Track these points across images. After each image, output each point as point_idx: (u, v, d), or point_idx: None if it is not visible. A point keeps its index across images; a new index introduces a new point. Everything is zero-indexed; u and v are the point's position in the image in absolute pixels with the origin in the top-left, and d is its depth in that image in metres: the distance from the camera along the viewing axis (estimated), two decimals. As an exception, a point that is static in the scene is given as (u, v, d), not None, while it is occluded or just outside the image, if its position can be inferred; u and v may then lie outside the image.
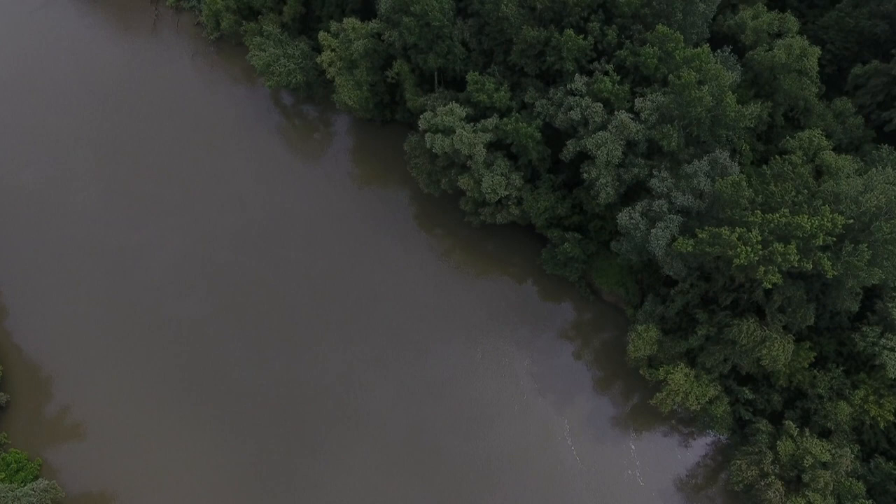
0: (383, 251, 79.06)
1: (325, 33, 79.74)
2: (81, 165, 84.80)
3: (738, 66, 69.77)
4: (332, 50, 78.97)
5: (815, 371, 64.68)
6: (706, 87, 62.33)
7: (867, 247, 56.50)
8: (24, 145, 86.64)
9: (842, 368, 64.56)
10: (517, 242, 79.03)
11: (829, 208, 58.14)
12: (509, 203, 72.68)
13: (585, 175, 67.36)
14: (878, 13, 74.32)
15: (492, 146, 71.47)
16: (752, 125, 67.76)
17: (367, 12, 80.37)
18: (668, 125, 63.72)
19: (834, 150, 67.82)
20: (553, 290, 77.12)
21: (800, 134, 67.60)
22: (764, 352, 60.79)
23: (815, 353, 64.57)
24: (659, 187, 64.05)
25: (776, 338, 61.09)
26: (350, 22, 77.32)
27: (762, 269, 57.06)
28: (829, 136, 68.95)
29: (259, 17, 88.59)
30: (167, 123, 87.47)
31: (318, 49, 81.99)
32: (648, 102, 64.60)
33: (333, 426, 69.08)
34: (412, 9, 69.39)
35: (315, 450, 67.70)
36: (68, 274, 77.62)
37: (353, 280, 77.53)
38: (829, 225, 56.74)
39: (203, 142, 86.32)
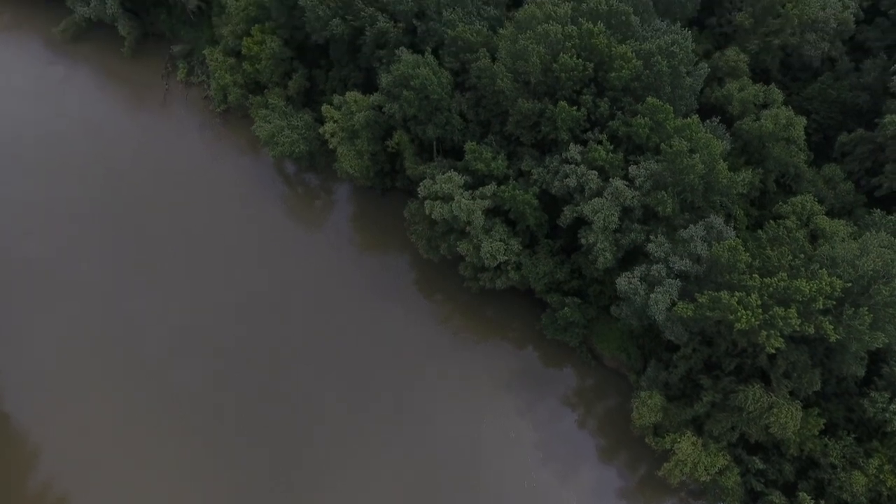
0: (384, 317, 78.80)
1: (328, 106, 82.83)
2: (87, 236, 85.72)
3: (727, 135, 72.18)
4: (335, 121, 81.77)
5: (827, 439, 62.93)
6: (697, 155, 64.19)
7: (868, 310, 56.40)
8: (31, 216, 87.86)
9: (853, 436, 62.84)
10: (517, 307, 78.85)
11: (826, 272, 58.47)
12: (508, 268, 73.11)
13: (583, 240, 68.15)
14: (858, 85, 77.70)
15: (490, 212, 72.69)
16: (744, 191, 69.31)
17: (368, 86, 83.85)
18: (663, 192, 65.11)
19: (827, 214, 69.02)
20: (554, 356, 76.23)
21: (792, 199, 69.01)
22: (772, 419, 59.40)
23: (825, 420, 63.05)
24: (656, 252, 64.68)
25: (783, 404, 59.86)
26: (352, 95, 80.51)
27: (764, 333, 56.69)
28: (821, 201, 70.33)
29: (265, 91, 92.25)
30: (173, 193, 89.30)
31: (320, 121, 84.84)
32: (642, 170, 66.33)
33: (332, 495, 66.36)
34: (412, 83, 72.48)
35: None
36: (68, 344, 76.98)
37: (354, 346, 76.87)
38: (827, 289, 56.86)
39: (207, 210, 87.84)
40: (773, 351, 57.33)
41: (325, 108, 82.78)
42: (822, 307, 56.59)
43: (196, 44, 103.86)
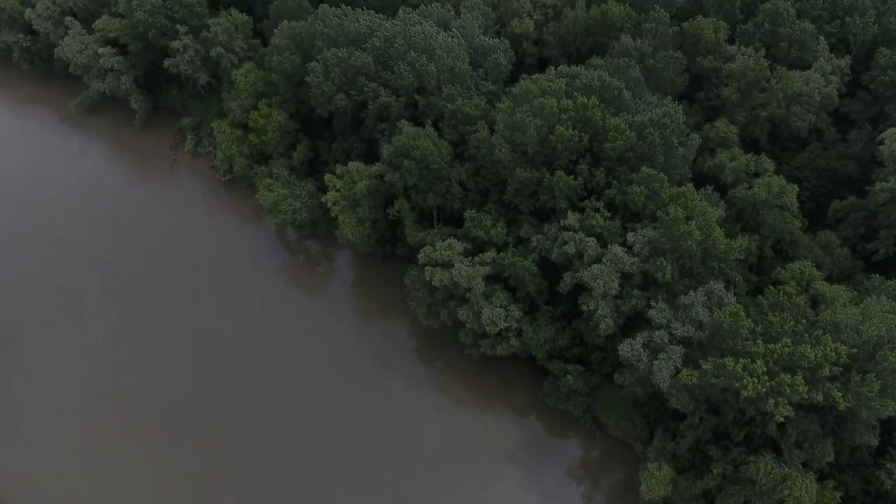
0: (385, 386, 77.43)
1: (331, 175, 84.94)
2: (89, 304, 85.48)
3: (721, 202, 73.73)
4: (337, 190, 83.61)
5: (845, 514, 60.23)
6: (694, 222, 65.23)
7: (875, 377, 55.52)
8: (34, 285, 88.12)
9: (873, 511, 60.20)
10: (519, 374, 77.61)
11: (830, 338, 58.00)
12: (509, 335, 72.54)
13: (584, 306, 68.04)
14: (846, 154, 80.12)
15: (490, 279, 72.95)
16: (742, 257, 69.92)
17: (370, 157, 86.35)
18: (661, 258, 65.68)
19: (826, 280, 69.24)
20: (558, 425, 74.23)
21: (790, 265, 69.49)
22: (786, 492, 57.02)
23: (841, 493, 60.53)
24: (658, 318, 64.42)
25: (797, 476, 57.66)
26: (354, 165, 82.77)
27: (771, 401, 55.51)
28: (819, 267, 70.74)
29: (270, 161, 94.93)
30: (177, 260, 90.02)
31: (323, 189, 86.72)
32: (640, 237, 67.21)
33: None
34: (413, 154, 74.72)
35: None
36: (65, 414, 75.29)
37: (354, 415, 75.07)
38: (833, 355, 56.21)
39: (209, 278, 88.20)
40: (782, 420, 55.88)
41: (327, 177, 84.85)
42: (828, 374, 55.71)
43: (205, 117, 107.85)
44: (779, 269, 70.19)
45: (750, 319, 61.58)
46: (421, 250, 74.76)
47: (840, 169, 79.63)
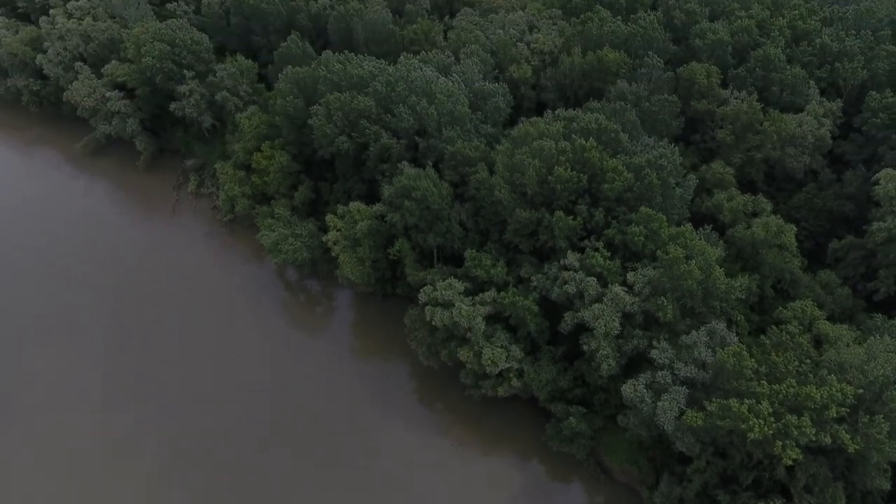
0: (384, 427, 75.93)
1: (332, 216, 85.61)
2: (88, 349, 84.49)
3: (720, 242, 74.08)
4: (338, 230, 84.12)
5: (860, 563, 58.15)
6: (693, 261, 65.41)
7: (884, 418, 54.65)
8: (35, 324, 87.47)
9: (888, 560, 58.15)
10: (520, 416, 76.23)
11: (835, 378, 57.34)
12: (510, 375, 71.67)
13: (585, 347, 67.49)
14: (842, 195, 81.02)
15: (491, 318, 72.58)
16: (743, 296, 69.80)
17: (371, 197, 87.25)
18: (662, 297, 65.55)
19: (828, 319, 68.92)
20: (561, 469, 72.44)
21: (792, 304, 69.29)
22: (798, 540, 55.28)
23: (854, 541, 58.67)
24: (660, 358, 63.81)
25: (808, 523, 56.04)
26: (355, 205, 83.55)
27: (779, 443, 54.41)
28: (820, 306, 70.52)
29: (271, 201, 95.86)
30: (178, 301, 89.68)
31: (324, 229, 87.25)
32: (640, 276, 67.26)
33: None
34: (413, 194, 75.54)
35: None
36: (58, 465, 73.43)
37: (354, 458, 73.26)
38: (839, 395, 55.41)
39: (210, 318, 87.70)
40: (791, 463, 54.66)
41: (328, 217, 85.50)
42: (836, 415, 54.78)
43: (208, 158, 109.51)
44: (780, 308, 69.94)
45: (753, 359, 60.97)
46: (421, 290, 74.66)
47: (837, 209, 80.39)
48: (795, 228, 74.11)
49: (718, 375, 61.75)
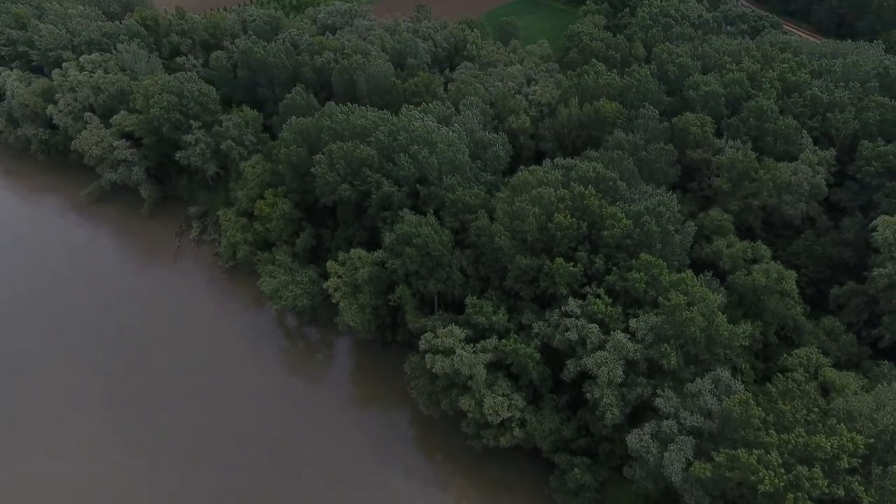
0: (384, 478, 73.80)
1: (333, 262, 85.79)
2: (87, 397, 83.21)
3: (721, 288, 73.95)
4: (339, 276, 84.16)
5: None
6: (695, 307, 65.13)
7: (897, 469, 53.12)
8: (30, 375, 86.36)
9: None
10: (523, 468, 74.15)
11: (845, 427, 56.12)
12: (513, 425, 70.15)
13: (589, 395, 66.33)
14: (840, 241, 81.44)
15: (492, 366, 71.66)
16: (746, 343, 69.13)
17: (372, 244, 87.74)
18: (665, 344, 64.93)
19: (833, 366, 68.02)
20: (566, 525, 69.81)
21: (797, 351, 68.57)
22: None
23: None
24: (665, 407, 62.64)
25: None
26: (356, 252, 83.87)
27: (790, 496, 52.74)
28: (826, 354, 69.75)
29: (273, 248, 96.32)
30: (177, 348, 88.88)
31: (325, 276, 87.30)
32: (642, 323, 66.81)
33: None
34: (414, 241, 75.98)
35: None
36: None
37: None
38: (850, 445, 54.10)
39: (208, 365, 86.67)
40: (804, 518, 52.77)
41: (329, 264, 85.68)
42: (847, 466, 53.34)
43: (211, 205, 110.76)
44: (785, 355, 69.18)
45: (760, 408, 59.81)
46: (422, 337, 74.01)
47: (836, 255, 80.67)
48: (796, 275, 74.14)
49: (725, 425, 60.43)
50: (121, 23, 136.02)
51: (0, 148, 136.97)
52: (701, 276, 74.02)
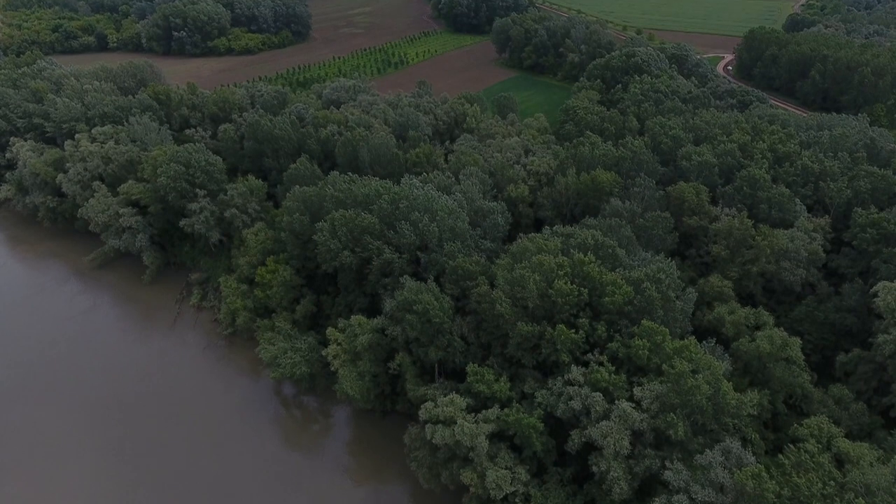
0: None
1: (333, 329, 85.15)
2: (80, 467, 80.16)
3: (725, 355, 72.97)
4: (338, 343, 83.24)
5: None
6: (701, 375, 64.00)
7: (922, 549, 50.46)
8: (25, 444, 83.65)
9: None
10: (528, 548, 70.14)
11: (864, 501, 53.74)
12: (516, 500, 67.11)
13: (595, 468, 63.93)
14: (842, 307, 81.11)
15: (494, 437, 69.50)
16: (755, 413, 67.39)
17: (372, 311, 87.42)
18: (672, 414, 63.29)
19: (846, 437, 65.91)
20: None
21: (807, 421, 66.65)
22: None
23: None
24: (675, 480, 60.16)
25: None
26: (357, 319, 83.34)
27: (812, 580, 49.70)
28: (836, 423, 67.79)
29: (273, 314, 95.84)
30: (172, 419, 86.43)
31: (324, 343, 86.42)
32: (647, 391, 65.42)
33: None
34: (415, 308, 75.72)
35: None
36: None
37: None
38: (870, 523, 51.66)
39: (203, 437, 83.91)
40: None
41: (329, 330, 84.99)
42: (869, 546, 50.68)
43: (213, 272, 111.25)
44: (795, 425, 67.21)
45: (774, 482, 57.47)
46: (422, 406, 72.19)
47: (839, 321, 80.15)
48: (799, 341, 73.35)
49: (739, 499, 57.85)
50: (134, 97, 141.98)
51: (7, 215, 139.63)
52: (704, 342, 73.29)
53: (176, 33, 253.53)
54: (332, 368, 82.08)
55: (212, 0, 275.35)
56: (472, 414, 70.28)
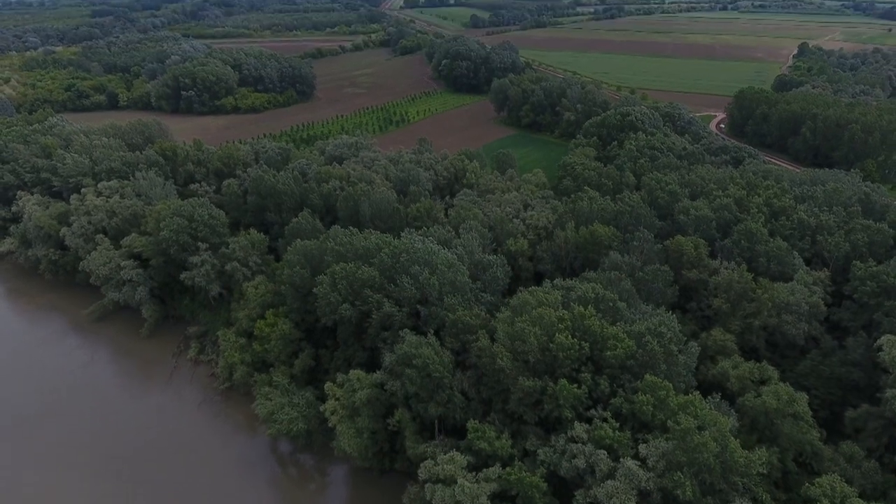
0: None
1: (331, 384, 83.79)
2: None
3: (731, 411, 71.52)
4: (337, 399, 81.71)
5: None
6: (707, 432, 62.52)
7: None
8: (19, 501, 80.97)
9: None
10: None
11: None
12: (520, 566, 64.23)
13: (601, 530, 61.44)
14: (847, 361, 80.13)
15: (496, 497, 67.11)
16: (764, 471, 65.36)
17: (372, 365, 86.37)
18: (679, 472, 61.44)
19: (860, 496, 63.70)
20: None
21: (819, 480, 64.52)
22: None
23: None
24: (685, 545, 57.77)
25: None
26: (356, 373, 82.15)
27: None
28: (849, 482, 65.67)
29: (270, 369, 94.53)
30: (165, 477, 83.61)
31: (322, 398, 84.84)
32: (653, 449, 63.77)
33: None
34: (414, 362, 74.84)
35: None
36: None
37: None
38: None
39: (197, 497, 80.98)
40: None
41: (328, 385, 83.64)
42: None
43: (211, 326, 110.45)
44: (807, 485, 65.08)
45: (788, 546, 55.23)
46: (421, 465, 70.15)
47: (845, 376, 79.02)
48: (806, 397, 72.08)
49: (752, 566, 55.38)
50: (141, 153, 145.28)
51: (9, 267, 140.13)
52: (709, 398, 71.96)
53: (185, 93, 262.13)
54: (330, 424, 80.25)
55: (220, 62, 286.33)
56: (473, 472, 68.25)
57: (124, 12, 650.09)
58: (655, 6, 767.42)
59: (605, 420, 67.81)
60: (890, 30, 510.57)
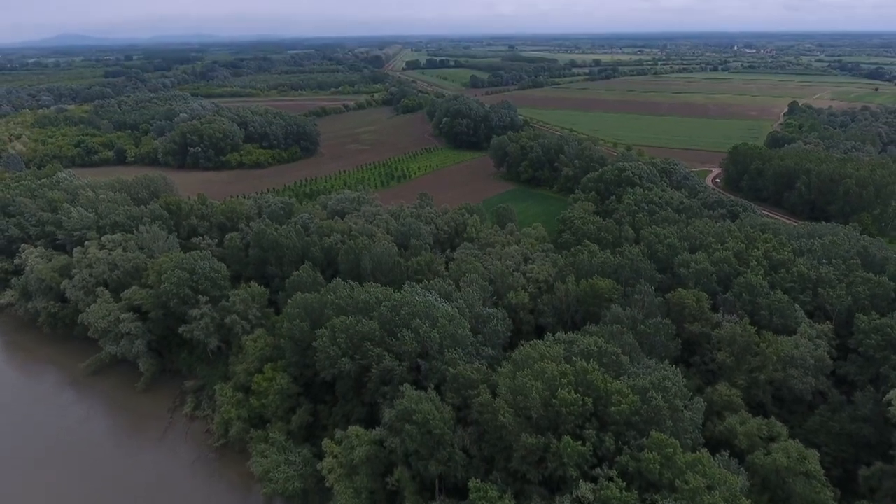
0: None
1: (329, 441, 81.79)
2: None
3: (741, 469, 69.45)
4: (334, 456, 79.55)
5: None
6: (717, 492, 60.51)
7: None
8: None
9: None
10: None
11: None
12: None
13: None
14: (857, 417, 78.43)
15: (499, 563, 64.31)
16: (778, 534, 62.94)
17: (371, 422, 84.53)
18: (689, 535, 59.06)
19: (880, 563, 61.11)
20: None
21: (835, 544, 62.11)
22: None
23: None
24: None
25: None
26: (354, 430, 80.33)
27: None
28: (868, 547, 63.13)
29: (267, 425, 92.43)
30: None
31: (319, 456, 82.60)
32: (661, 510, 61.52)
33: None
34: (415, 417, 73.28)
35: None
36: None
37: None
38: None
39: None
40: None
41: (325, 442, 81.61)
42: None
43: (209, 380, 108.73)
44: (824, 549, 62.54)
45: None
46: (421, 527, 67.60)
47: (856, 432, 77.15)
48: (818, 454, 70.14)
49: None
50: (146, 207, 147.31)
51: (8, 319, 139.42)
52: (717, 455, 69.99)
53: (191, 149, 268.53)
54: (328, 483, 77.76)
55: (227, 119, 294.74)
56: (475, 536, 65.55)
57: (136, 73, 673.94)
58: (648, 67, 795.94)
59: (611, 479, 65.69)
60: (877, 89, 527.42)
